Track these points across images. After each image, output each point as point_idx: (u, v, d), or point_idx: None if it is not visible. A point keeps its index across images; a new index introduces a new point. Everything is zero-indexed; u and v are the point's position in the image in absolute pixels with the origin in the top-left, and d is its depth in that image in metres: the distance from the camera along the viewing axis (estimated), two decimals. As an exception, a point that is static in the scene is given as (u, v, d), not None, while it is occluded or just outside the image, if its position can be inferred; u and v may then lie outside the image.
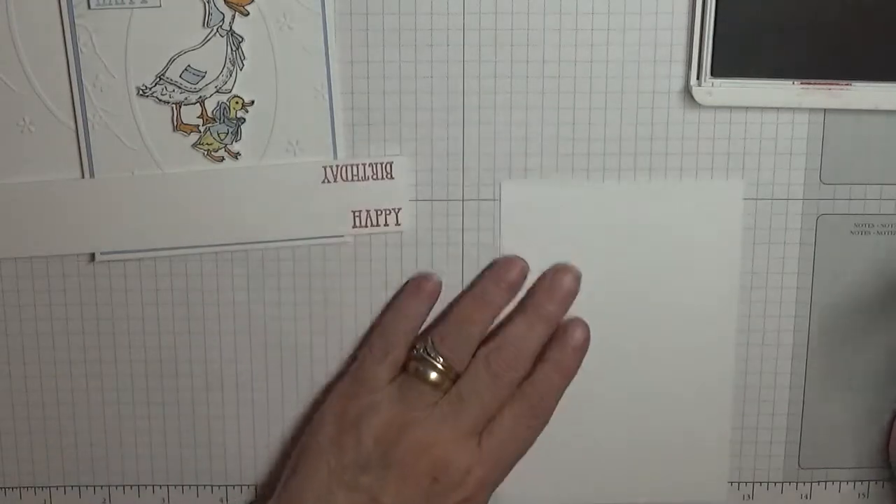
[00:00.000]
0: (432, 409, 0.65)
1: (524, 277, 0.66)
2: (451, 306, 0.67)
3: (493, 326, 0.67)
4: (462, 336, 0.65)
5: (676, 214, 0.66)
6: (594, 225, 0.66)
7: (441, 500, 0.64)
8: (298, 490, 0.65)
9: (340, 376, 0.68)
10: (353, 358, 0.68)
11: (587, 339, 0.66)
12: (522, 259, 0.66)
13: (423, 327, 0.67)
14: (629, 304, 0.67)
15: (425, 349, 0.65)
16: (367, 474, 0.64)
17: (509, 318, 0.67)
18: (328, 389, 0.68)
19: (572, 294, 0.66)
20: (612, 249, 0.66)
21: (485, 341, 0.66)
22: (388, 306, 0.67)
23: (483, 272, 0.66)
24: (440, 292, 0.66)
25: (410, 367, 0.65)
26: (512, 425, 0.65)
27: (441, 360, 0.65)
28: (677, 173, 0.65)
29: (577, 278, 0.66)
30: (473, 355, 0.65)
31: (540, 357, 0.66)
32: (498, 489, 0.67)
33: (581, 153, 0.65)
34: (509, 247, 0.66)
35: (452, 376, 0.65)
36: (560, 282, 0.66)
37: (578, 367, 0.66)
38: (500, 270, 0.66)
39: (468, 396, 0.64)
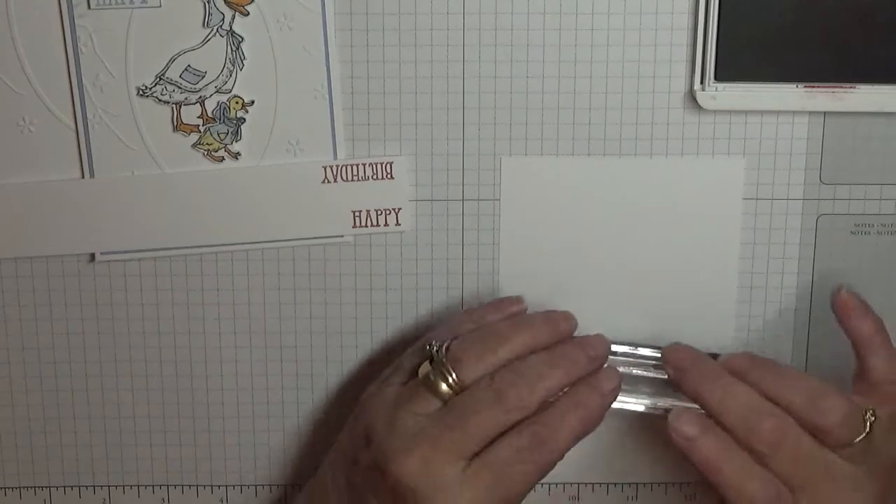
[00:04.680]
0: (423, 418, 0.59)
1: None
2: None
3: None
4: (483, 356, 0.60)
5: (675, 213, 0.66)
6: (592, 205, 0.66)
7: None
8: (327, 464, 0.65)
9: (340, 376, 0.68)
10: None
11: (615, 390, 0.61)
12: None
13: None
14: (625, 307, 0.68)
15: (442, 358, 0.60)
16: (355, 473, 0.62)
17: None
18: (327, 389, 0.68)
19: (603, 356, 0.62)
20: (612, 238, 0.66)
21: None
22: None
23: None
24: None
25: (421, 370, 0.61)
26: (507, 456, 0.58)
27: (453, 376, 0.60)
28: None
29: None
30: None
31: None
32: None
33: (581, 154, 0.65)
34: (508, 227, 0.66)
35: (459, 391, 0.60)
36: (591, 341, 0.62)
37: (599, 415, 0.60)
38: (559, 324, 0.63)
39: (461, 411, 0.59)
